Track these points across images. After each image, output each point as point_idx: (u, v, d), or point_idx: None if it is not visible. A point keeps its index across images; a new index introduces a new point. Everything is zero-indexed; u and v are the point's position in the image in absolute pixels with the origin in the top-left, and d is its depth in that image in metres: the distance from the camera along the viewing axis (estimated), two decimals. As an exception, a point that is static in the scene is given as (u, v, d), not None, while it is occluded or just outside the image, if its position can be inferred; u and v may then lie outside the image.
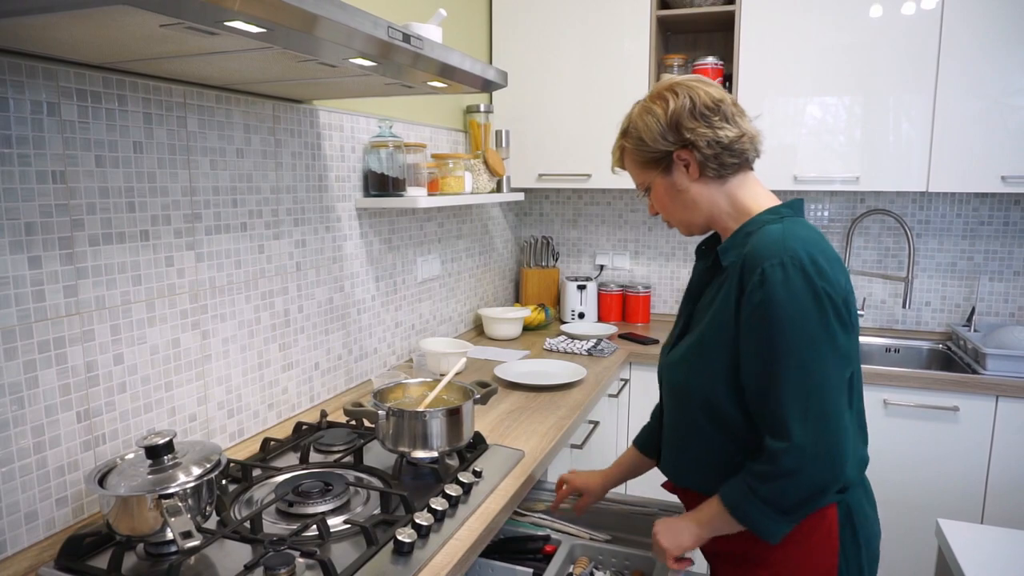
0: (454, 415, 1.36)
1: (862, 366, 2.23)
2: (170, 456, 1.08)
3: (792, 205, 1.12)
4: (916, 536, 2.21)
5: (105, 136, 1.16)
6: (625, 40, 2.51)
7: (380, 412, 1.35)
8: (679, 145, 1.10)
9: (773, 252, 1.00)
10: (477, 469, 1.35)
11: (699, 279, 1.21)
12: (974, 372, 2.18)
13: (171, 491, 1.02)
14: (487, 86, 1.45)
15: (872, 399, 2.20)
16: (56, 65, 1.08)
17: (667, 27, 2.67)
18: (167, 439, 1.07)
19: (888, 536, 2.24)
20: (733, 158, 1.10)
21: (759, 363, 1.01)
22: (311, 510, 1.19)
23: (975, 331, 2.47)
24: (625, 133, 1.18)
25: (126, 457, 1.11)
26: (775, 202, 1.14)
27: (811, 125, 2.38)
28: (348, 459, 1.41)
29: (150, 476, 1.05)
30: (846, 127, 2.34)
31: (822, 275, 0.99)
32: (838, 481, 0.99)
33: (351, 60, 1.10)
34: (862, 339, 2.63)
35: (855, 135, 2.34)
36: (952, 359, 2.40)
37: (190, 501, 1.05)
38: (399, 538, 1.07)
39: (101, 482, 1.05)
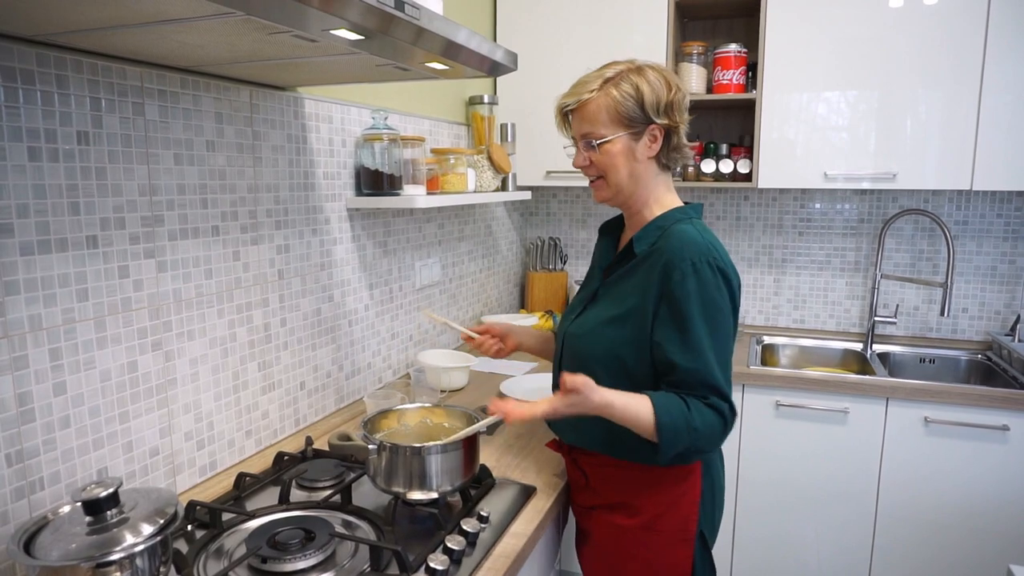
0: (456, 450, 1.17)
1: (899, 379, 2.09)
2: (115, 511, 0.89)
3: (696, 208, 1.24)
4: (967, 566, 2.03)
5: (41, 124, 0.97)
6: (640, 26, 2.31)
7: (371, 447, 1.16)
8: (662, 122, 1.18)
9: (696, 252, 1.13)
10: (483, 513, 1.16)
11: (603, 257, 1.32)
12: (1023, 387, 2.00)
13: (112, 559, 0.83)
14: (495, 69, 1.26)
15: (911, 416, 2.01)
16: (-24, 37, 0.89)
17: (685, 13, 2.48)
18: (110, 490, 0.89)
19: (931, 563, 2.05)
20: (681, 158, 1.24)
21: (676, 333, 1.12)
22: (288, 567, 1.01)
23: (1020, 341, 2.28)
24: (612, 81, 1.17)
25: (61, 511, 0.92)
26: (680, 203, 1.26)
27: (844, 119, 2.19)
28: (336, 498, 1.23)
29: (89, 537, 0.86)
30: (883, 121, 2.15)
31: (731, 276, 1.16)
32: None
33: (333, 32, 0.91)
34: (893, 348, 2.45)
35: (893, 130, 2.14)
36: (995, 371, 2.21)
37: (139, 564, 0.87)
38: (391, 611, 0.88)
39: (28, 544, 0.86)
